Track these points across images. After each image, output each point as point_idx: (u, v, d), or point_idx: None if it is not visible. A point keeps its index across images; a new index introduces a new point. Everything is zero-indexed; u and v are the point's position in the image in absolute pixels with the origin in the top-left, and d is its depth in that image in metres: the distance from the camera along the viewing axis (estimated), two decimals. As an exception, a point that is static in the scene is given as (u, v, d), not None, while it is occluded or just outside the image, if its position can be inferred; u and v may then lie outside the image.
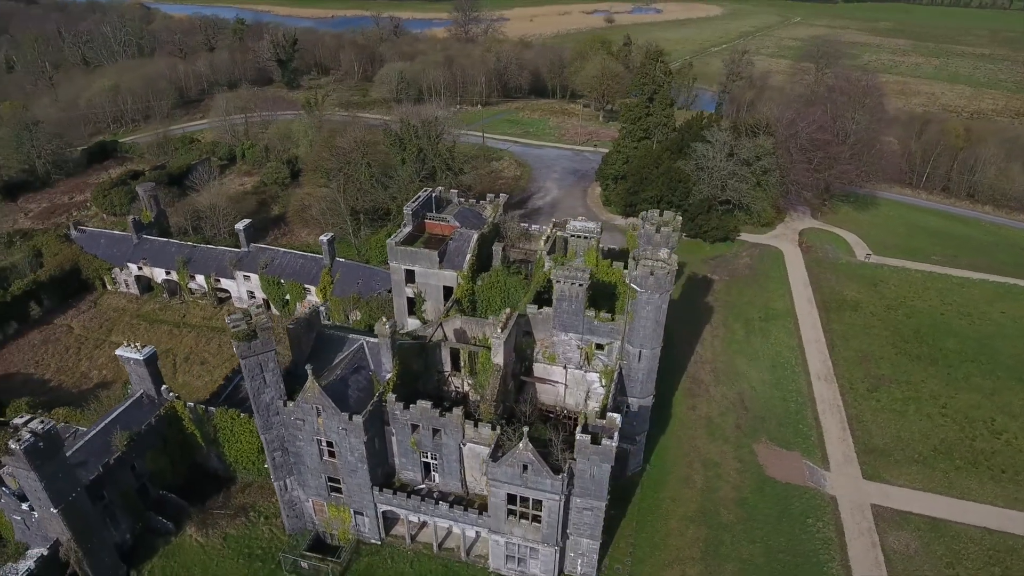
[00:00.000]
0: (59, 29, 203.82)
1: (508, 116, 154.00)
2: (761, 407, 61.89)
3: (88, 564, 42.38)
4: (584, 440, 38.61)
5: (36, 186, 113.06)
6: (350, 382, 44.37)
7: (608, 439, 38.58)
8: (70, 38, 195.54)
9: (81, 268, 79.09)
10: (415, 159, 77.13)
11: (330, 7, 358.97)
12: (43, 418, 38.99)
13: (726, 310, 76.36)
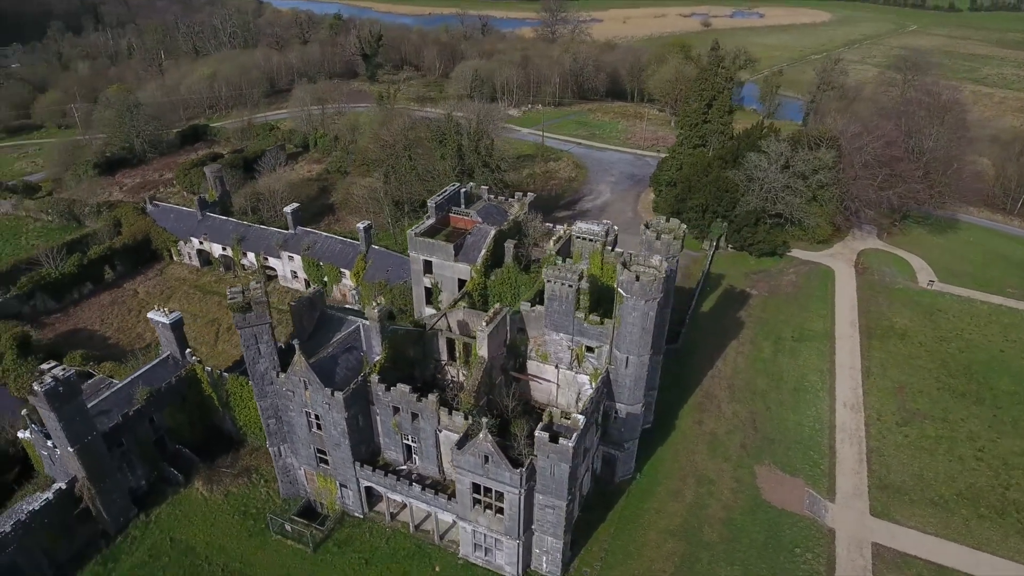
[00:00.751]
0: (176, 20, 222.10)
1: (578, 117, 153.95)
2: (773, 429, 59.65)
3: (100, 502, 47.11)
4: (543, 438, 39.13)
5: (133, 163, 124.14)
6: (340, 360, 46.82)
7: (566, 439, 38.88)
8: (184, 28, 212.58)
9: (152, 239, 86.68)
10: (454, 155, 79.24)
11: (428, 5, 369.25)
12: (66, 367, 43.84)
13: (757, 327, 73.76)
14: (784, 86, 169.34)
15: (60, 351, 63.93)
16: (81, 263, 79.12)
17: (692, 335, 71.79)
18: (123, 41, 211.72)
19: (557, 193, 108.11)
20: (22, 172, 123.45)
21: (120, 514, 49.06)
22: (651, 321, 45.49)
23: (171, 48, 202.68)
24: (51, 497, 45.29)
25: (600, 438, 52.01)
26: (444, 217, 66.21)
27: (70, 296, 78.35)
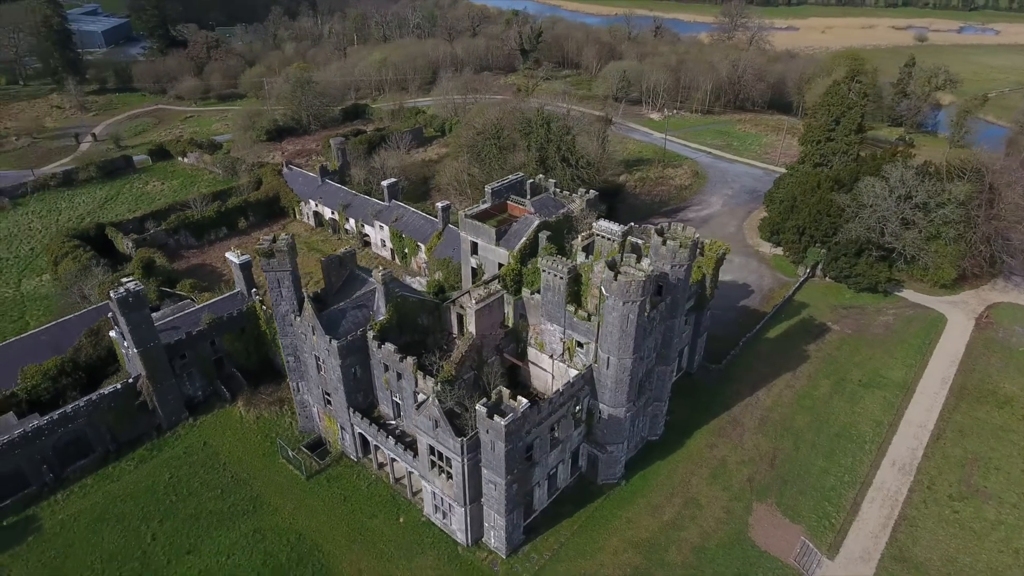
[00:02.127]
0: (374, 10, 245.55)
1: (722, 127, 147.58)
2: (792, 470, 55.24)
3: (156, 399, 56.91)
4: (482, 412, 40.95)
5: (298, 133, 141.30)
6: (348, 314, 51.91)
7: (500, 417, 40.34)
8: (378, 17, 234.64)
9: (281, 197, 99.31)
10: (537, 147, 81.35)
11: (617, 5, 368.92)
12: (138, 282, 53.62)
13: (822, 363, 67.74)
14: (996, 112, 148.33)
15: (177, 277, 76.57)
16: (219, 210, 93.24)
17: (743, 359, 67.85)
18: (326, 27, 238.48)
19: (663, 199, 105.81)
20: (215, 132, 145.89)
21: (172, 413, 58.71)
22: (632, 324, 44.93)
23: (365, 35, 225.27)
24: (119, 387, 55.65)
25: (584, 436, 52.08)
26: (502, 204, 69.01)
27: (207, 236, 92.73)
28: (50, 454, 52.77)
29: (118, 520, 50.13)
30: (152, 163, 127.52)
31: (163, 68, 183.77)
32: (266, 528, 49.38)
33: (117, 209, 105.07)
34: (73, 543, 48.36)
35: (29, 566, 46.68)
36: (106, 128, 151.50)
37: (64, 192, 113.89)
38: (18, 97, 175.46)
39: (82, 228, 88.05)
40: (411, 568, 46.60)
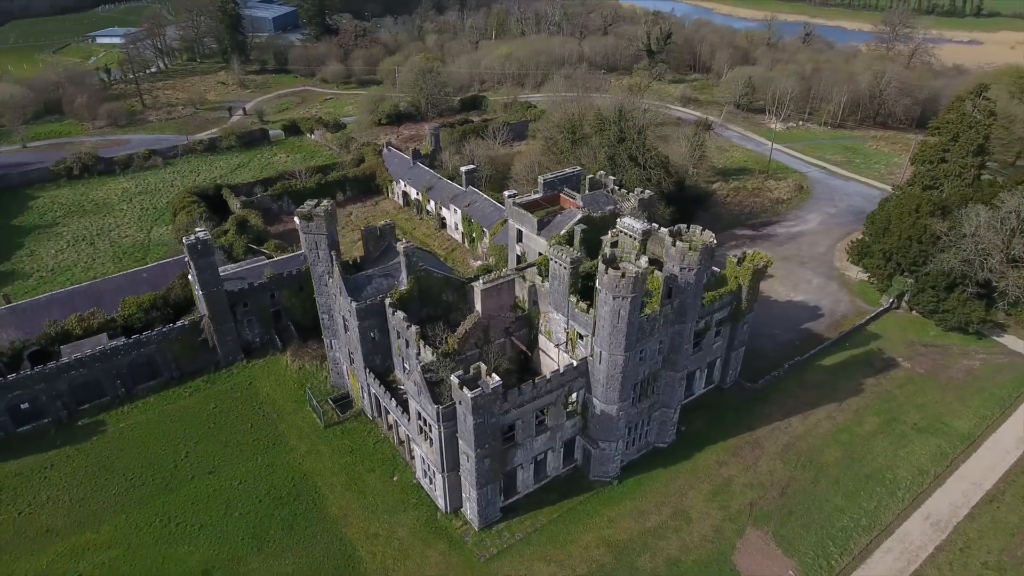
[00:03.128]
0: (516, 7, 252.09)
1: (850, 143, 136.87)
2: (802, 502, 51.74)
3: (215, 338, 64.37)
4: (454, 382, 42.81)
5: (416, 119, 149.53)
6: (374, 281, 55.69)
7: (470, 389, 41.93)
8: (518, 14, 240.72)
9: (376, 176, 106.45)
10: (609, 144, 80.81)
11: (772, 9, 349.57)
12: (207, 231, 60.83)
13: (876, 399, 62.21)
14: None
15: (266, 237, 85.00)
16: (320, 182, 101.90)
17: (785, 382, 63.95)
18: (468, 21, 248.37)
19: (754, 211, 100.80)
20: (345, 114, 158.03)
21: (229, 354, 66.04)
22: (623, 320, 44.65)
23: (505, 30, 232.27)
24: (186, 323, 63.62)
25: (580, 429, 52.18)
26: (554, 196, 70.15)
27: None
28: (124, 372, 61.59)
29: (164, 436, 57.61)
30: (285, 137, 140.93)
31: (314, 53, 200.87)
32: (278, 463, 54.55)
33: (244, 175, 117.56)
34: (125, 448, 56.36)
35: (87, 460, 55.13)
36: (256, 104, 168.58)
37: (207, 157, 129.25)
38: (193, 72, 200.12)
39: (203, 187, 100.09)
40: (390, 522, 49.53)
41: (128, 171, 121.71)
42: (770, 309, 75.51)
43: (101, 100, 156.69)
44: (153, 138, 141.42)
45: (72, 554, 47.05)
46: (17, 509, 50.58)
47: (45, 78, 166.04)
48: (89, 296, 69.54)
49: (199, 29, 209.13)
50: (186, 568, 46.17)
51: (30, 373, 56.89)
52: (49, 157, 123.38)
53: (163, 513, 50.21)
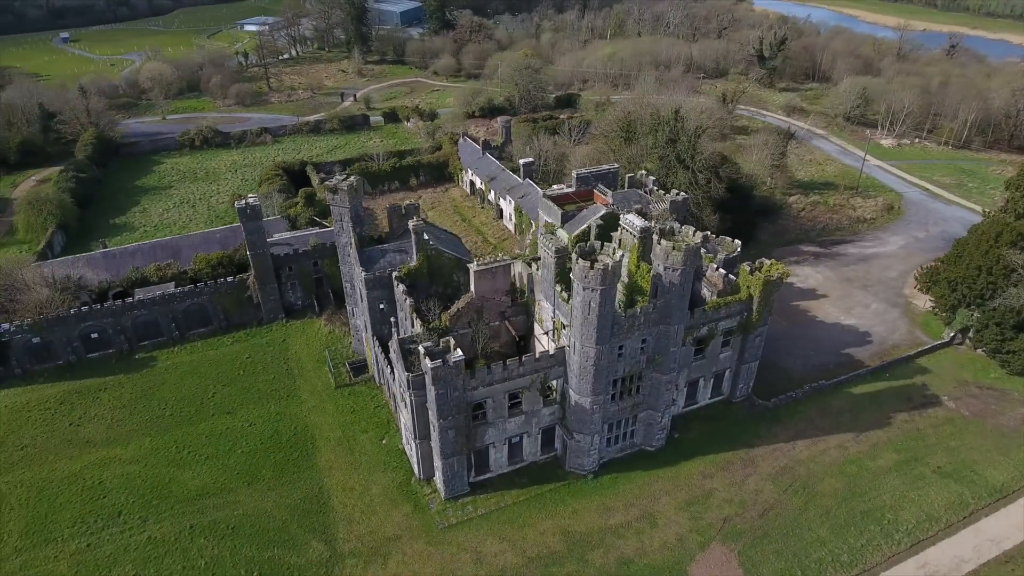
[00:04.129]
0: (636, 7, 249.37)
1: (968, 165, 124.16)
2: (781, 527, 49.25)
3: (260, 295, 70.86)
4: (420, 351, 45.13)
5: (509, 113, 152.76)
6: (388, 256, 59.14)
7: (430, 359, 44.05)
8: (636, 15, 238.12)
9: (450, 163, 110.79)
10: (661, 144, 79.17)
11: (927, 18, 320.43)
12: (256, 196, 67.09)
13: (902, 436, 57.45)
14: None
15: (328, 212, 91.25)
16: (395, 166, 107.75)
17: (803, 405, 60.57)
18: (585, 20, 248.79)
19: (828, 228, 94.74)
20: (444, 105, 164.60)
21: (271, 312, 72.40)
22: (593, 312, 44.96)
23: (624, 30, 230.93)
24: (234, 279, 70.52)
25: (560, 419, 52.71)
26: (588, 191, 70.59)
27: (380, 187, 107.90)
28: (180, 317, 69.44)
29: (201, 376, 64.53)
30: (384, 124, 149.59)
31: (429, 46, 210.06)
32: (286, 413, 59.56)
33: (338, 155, 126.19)
34: (166, 383, 63.78)
35: (134, 388, 63.01)
36: (368, 92, 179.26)
37: (310, 137, 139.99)
38: (319, 60, 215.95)
39: (290, 163, 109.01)
40: (367, 480, 52.81)
41: (240, 145, 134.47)
42: (811, 329, 71.39)
43: (233, 81, 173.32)
44: (271, 118, 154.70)
45: (101, 464, 54.35)
46: (69, 420, 58.99)
47: (192, 59, 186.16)
48: (169, 249, 78.65)
49: (329, 20, 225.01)
50: (186, 490, 51.93)
51: (100, 307, 65.69)
52: (179, 129, 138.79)
53: (180, 442, 56.55)
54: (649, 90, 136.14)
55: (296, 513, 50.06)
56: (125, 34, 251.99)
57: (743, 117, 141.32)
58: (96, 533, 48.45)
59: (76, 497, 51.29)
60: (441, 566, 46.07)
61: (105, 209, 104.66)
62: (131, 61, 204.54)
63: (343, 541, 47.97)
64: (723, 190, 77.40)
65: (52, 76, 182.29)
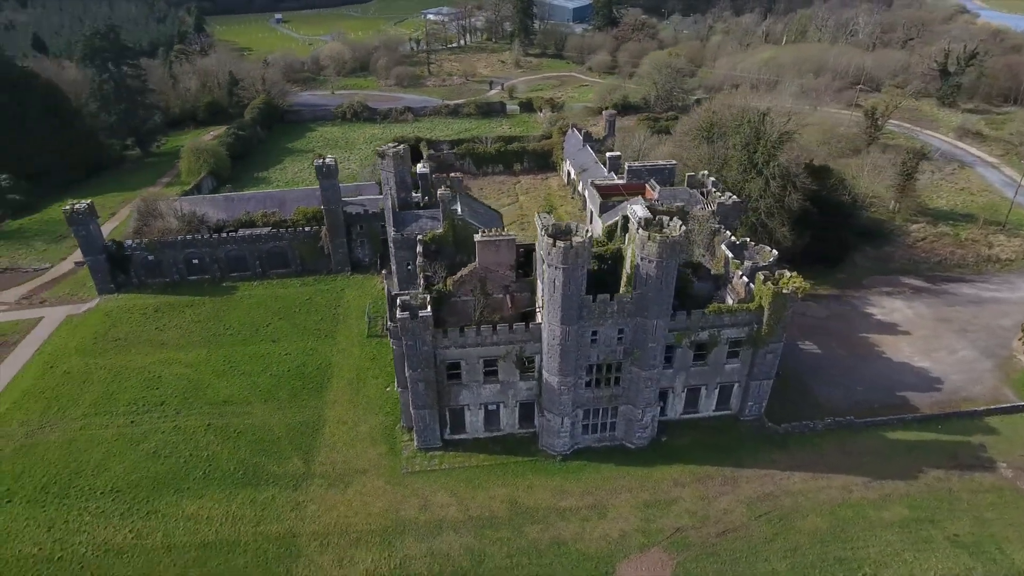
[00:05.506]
0: (822, 12, 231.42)
1: None
2: (734, 552, 46.23)
3: (331, 247, 78.96)
4: (398, 302, 48.73)
5: (643, 110, 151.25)
6: (421, 220, 63.58)
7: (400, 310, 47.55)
8: (818, 20, 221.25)
9: (553, 153, 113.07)
10: (740, 146, 74.65)
11: None
12: (333, 158, 74.71)
13: (923, 493, 50.67)
14: None
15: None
16: (499, 150, 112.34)
17: (820, 438, 55.50)
18: (762, 26, 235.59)
19: (944, 263, 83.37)
20: (587, 100, 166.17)
21: (339, 264, 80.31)
22: (557, 291, 45.71)
23: (805, 36, 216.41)
24: (310, 230, 79.14)
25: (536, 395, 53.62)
26: (639, 184, 69.98)
27: (484, 168, 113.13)
28: (263, 256, 79.62)
29: (264, 308, 73.86)
30: (519, 112, 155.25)
31: (589, 42, 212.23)
32: (317, 350, 66.47)
33: (463, 136, 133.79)
34: (237, 309, 73.87)
35: (210, 309, 73.87)
36: (517, 82, 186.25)
37: (446, 119, 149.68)
38: (483, 50, 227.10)
39: (406, 137, 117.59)
40: (360, 418, 57.79)
41: (384, 121, 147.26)
42: (870, 363, 64.52)
43: (397, 64, 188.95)
44: (420, 99, 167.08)
45: (164, 363, 64.93)
46: (156, 326, 70.85)
47: (369, 43, 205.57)
48: (276, 200, 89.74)
49: (499, 13, 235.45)
50: (216, 395, 60.56)
51: (202, 239, 77.46)
52: (337, 102, 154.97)
53: (228, 357, 65.65)
54: (784, 97, 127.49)
55: (291, 432, 56.34)
56: (329, 18, 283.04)
57: (896, 135, 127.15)
58: (140, 415, 58.41)
59: (137, 384, 61.96)
60: (389, 504, 49.65)
61: (253, 163, 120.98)
62: (324, 42, 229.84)
63: (319, 464, 53.32)
64: (800, 201, 71.82)
65: (258, 50, 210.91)
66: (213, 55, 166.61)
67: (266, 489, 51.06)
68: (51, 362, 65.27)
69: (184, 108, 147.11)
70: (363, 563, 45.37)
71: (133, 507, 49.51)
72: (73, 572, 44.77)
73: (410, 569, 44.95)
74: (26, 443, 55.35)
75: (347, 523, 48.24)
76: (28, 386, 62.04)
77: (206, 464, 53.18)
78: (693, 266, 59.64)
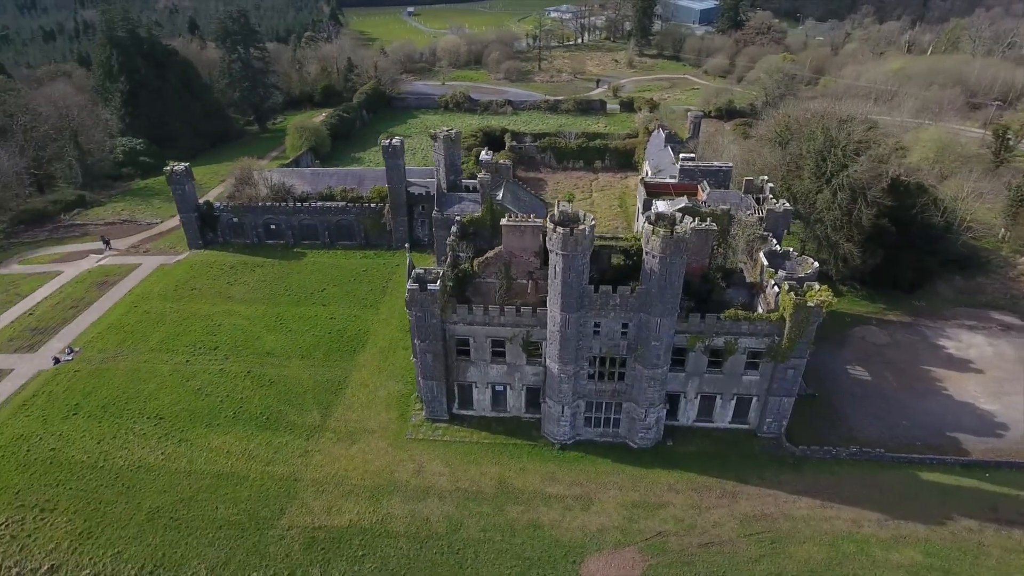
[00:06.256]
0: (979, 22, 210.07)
1: None
2: (712, 565, 44.37)
3: (392, 225, 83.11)
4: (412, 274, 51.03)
5: (747, 115, 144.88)
6: (463, 203, 65.92)
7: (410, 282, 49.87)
8: (972, 30, 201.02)
9: (635, 152, 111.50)
10: (812, 154, 69.72)
11: None
12: (400, 139, 78.55)
13: (947, 540, 45.99)
14: None
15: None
16: (581, 146, 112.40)
17: (840, 466, 51.73)
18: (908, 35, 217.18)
19: (1040, 299, 74.22)
20: (686, 103, 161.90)
21: (399, 240, 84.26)
22: (559, 277, 46.13)
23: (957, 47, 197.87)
24: (375, 207, 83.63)
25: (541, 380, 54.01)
26: (691, 184, 68.34)
27: (564, 163, 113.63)
28: (332, 228, 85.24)
29: (324, 275, 79.18)
30: (619, 112, 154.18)
31: (708, 44, 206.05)
32: (360, 317, 70.50)
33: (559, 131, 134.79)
34: (300, 273, 79.72)
35: (277, 271, 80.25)
36: (627, 83, 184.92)
37: (543, 114, 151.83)
38: (599, 49, 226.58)
39: (492, 128, 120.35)
40: (382, 384, 60.89)
41: (484, 112, 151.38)
42: (925, 398, 59.06)
43: (508, 58, 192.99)
44: (524, 93, 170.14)
45: (226, 314, 71.59)
46: (227, 280, 78.14)
47: (485, 37, 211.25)
48: (355, 177, 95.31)
49: (620, 12, 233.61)
50: (262, 347, 66.04)
51: (278, 207, 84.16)
52: (443, 92, 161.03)
53: (280, 315, 71.24)
54: (902, 112, 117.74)
55: (317, 388, 60.45)
56: (456, 12, 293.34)
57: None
58: (195, 356, 64.98)
59: (199, 329, 68.86)
60: (386, 464, 52.20)
61: (352, 144, 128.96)
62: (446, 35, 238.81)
63: (334, 419, 56.93)
64: (872, 218, 66.65)
65: (385, 40, 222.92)
66: (336, 42, 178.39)
67: (282, 435, 55.27)
68: (136, 303, 73.92)
69: (303, 90, 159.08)
70: (349, 513, 48.14)
71: (170, 433, 55.39)
72: (108, 480, 50.97)
73: (389, 525, 47.16)
74: (100, 368, 63.34)
75: (345, 475, 51.29)
76: (113, 321, 70.73)
77: (237, 405, 58.34)
78: (725, 271, 57.44)
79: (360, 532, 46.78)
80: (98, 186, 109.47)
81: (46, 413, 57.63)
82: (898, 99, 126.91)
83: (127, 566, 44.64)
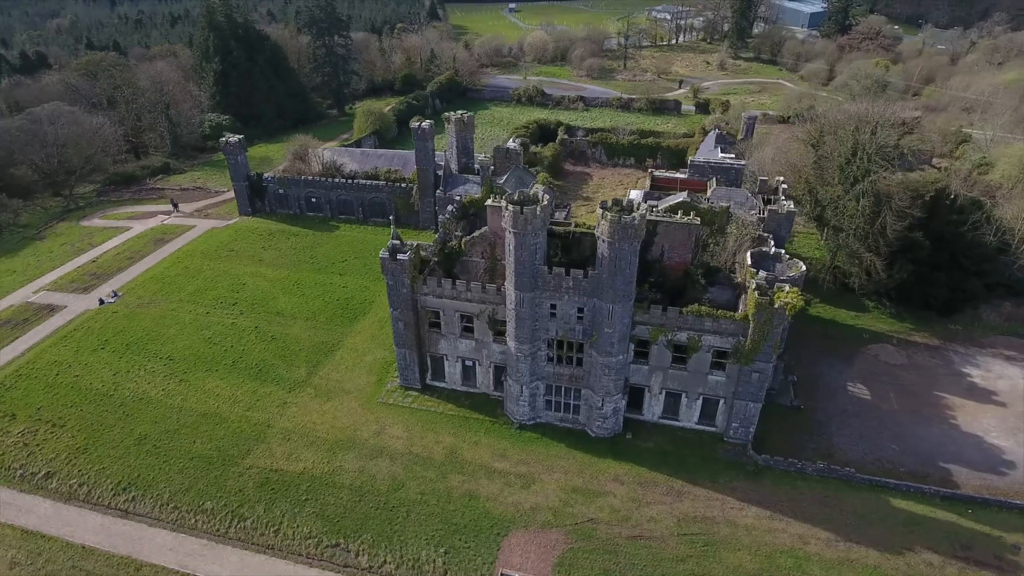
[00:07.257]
0: None
1: None
2: (635, 560, 43.53)
3: (419, 206, 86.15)
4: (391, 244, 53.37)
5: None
6: (467, 184, 67.41)
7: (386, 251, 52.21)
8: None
9: (687, 151, 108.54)
10: (838, 158, 65.10)
11: None
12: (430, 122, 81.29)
13: (900, 570, 42.65)
14: None
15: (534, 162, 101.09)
16: (632, 143, 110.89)
17: (803, 483, 48.99)
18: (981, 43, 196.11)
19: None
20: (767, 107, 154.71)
21: (426, 220, 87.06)
22: (512, 253, 46.88)
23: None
24: (404, 186, 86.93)
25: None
26: (700, 182, 66.65)
27: (615, 159, 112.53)
28: (365, 204, 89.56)
29: (349, 247, 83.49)
30: (694, 113, 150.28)
31: (807, 49, 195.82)
32: (368, 288, 73.82)
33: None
34: (328, 244, 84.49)
35: (309, 240, 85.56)
36: (714, 85, 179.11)
37: (615, 111, 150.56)
38: (694, 50, 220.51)
39: (547, 120, 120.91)
40: (370, 349, 63.86)
41: (555, 107, 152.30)
42: (928, 425, 54.55)
43: (592, 55, 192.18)
44: (600, 90, 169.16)
45: (253, 275, 77.31)
46: (262, 245, 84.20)
47: (572, 33, 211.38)
48: (402, 160, 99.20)
49: (718, 13, 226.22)
50: (274, 307, 70.93)
51: (317, 181, 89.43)
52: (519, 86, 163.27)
53: (299, 280, 76.03)
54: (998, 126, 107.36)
55: (311, 348, 64.31)
56: (556, 9, 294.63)
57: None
58: (215, 308, 70.86)
59: (225, 287, 74.90)
60: (352, 423, 54.97)
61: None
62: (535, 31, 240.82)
63: (318, 377, 60.47)
64: (900, 230, 62.00)
65: (482, 34, 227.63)
66: (422, 34, 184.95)
67: (269, 385, 59.44)
68: (180, 259, 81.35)
69: (386, 78, 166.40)
70: (304, 462, 51.27)
71: (175, 373, 61.02)
72: (113, 407, 57.04)
73: (337, 477, 49.81)
74: (134, 311, 70.49)
75: (312, 428, 54.54)
76: (156, 273, 78.33)
77: (237, 355, 63.24)
78: (709, 269, 55.56)
79: (310, 479, 49.71)
80: (184, 156, 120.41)
81: (80, 345, 65.01)
82: (993, 111, 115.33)
83: (107, 481, 49.97)
